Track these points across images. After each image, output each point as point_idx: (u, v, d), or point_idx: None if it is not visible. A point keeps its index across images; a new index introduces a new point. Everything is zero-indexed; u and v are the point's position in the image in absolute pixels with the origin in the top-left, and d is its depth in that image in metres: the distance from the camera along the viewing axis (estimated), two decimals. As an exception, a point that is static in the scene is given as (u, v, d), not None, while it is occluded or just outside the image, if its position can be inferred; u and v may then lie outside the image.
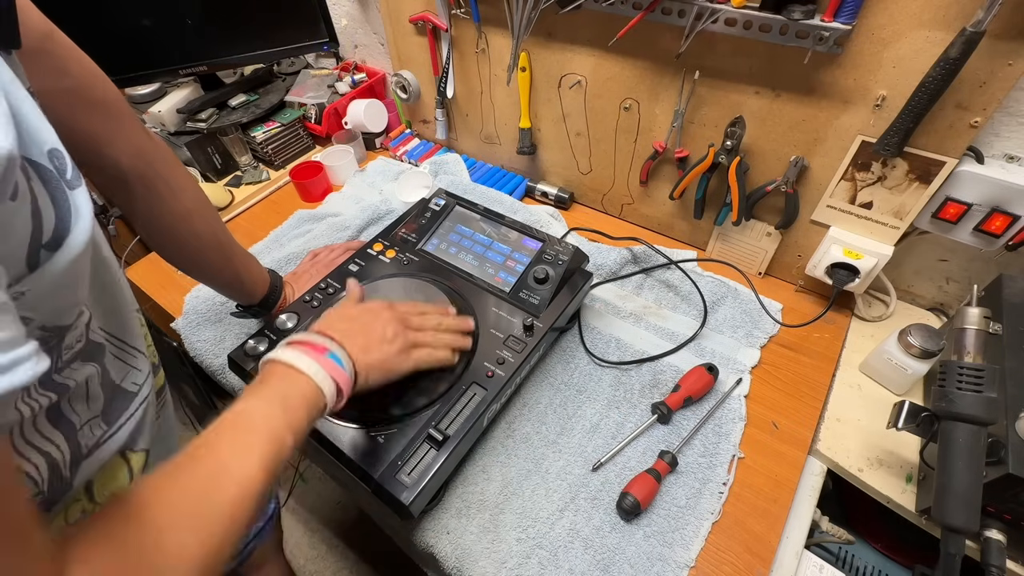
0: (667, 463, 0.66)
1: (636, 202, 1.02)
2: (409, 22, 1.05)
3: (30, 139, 0.30)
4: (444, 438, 0.60)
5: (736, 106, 0.77)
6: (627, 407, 0.74)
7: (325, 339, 0.50)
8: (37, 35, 0.43)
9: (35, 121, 0.31)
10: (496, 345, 0.69)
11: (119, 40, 1.07)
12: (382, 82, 1.33)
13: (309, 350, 0.48)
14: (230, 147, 1.21)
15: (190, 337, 0.85)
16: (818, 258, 0.81)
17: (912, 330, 0.70)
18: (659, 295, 0.90)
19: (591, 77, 0.89)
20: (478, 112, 1.11)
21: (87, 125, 0.50)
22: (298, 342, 0.49)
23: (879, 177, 0.72)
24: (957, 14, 0.56)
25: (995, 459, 0.55)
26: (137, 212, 0.58)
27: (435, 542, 0.63)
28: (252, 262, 0.73)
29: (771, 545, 0.62)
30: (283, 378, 0.45)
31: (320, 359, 0.47)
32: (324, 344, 0.49)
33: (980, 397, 0.54)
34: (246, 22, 1.16)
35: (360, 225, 1.03)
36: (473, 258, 0.82)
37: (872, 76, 0.65)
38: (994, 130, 0.66)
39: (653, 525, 0.63)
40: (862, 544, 0.82)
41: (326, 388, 0.46)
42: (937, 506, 0.55)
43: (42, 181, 0.30)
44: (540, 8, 0.82)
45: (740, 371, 0.78)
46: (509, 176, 1.14)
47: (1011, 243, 0.68)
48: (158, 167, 0.57)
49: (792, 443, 0.71)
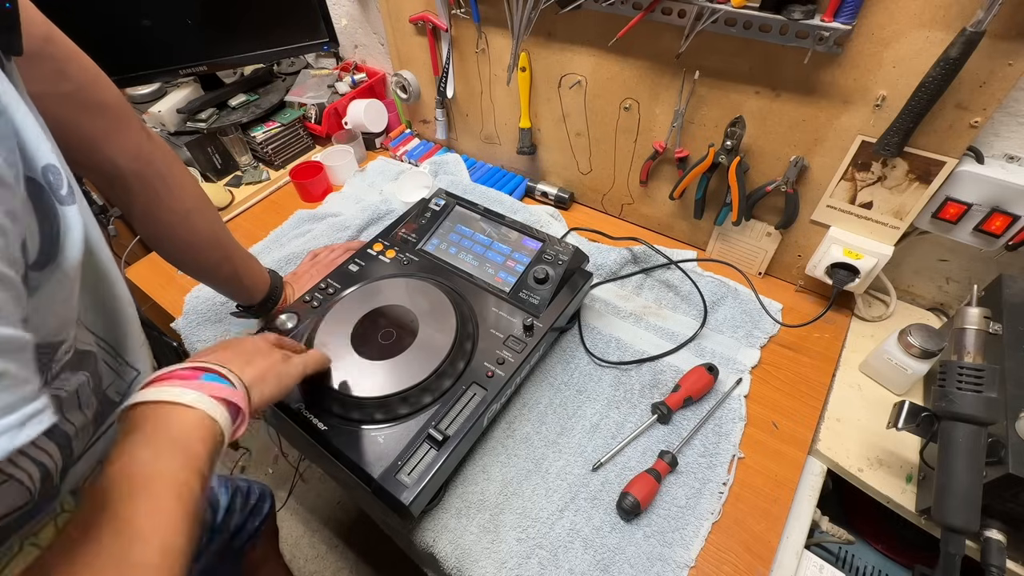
0: (667, 463, 0.66)
1: (636, 202, 1.02)
2: (409, 22, 1.05)
3: (25, 156, 0.30)
4: (444, 438, 0.60)
5: (736, 106, 0.77)
6: (627, 407, 0.74)
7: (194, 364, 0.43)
8: (37, 38, 0.42)
9: (33, 139, 0.30)
10: (496, 345, 0.69)
11: (119, 40, 1.07)
12: (382, 82, 1.33)
13: (179, 381, 0.40)
14: (230, 147, 1.21)
15: (190, 337, 0.85)
16: (818, 258, 0.81)
17: (912, 330, 0.70)
18: (659, 295, 0.90)
19: (591, 77, 0.89)
20: (478, 112, 1.11)
21: (86, 127, 0.49)
22: (162, 377, 0.41)
23: (879, 177, 0.72)
24: (957, 14, 0.56)
25: (995, 459, 0.55)
26: (136, 212, 0.58)
27: (435, 542, 0.63)
28: (252, 262, 0.73)
29: (771, 545, 0.62)
30: (164, 420, 0.38)
31: (197, 384, 0.41)
32: (195, 367, 0.42)
33: (980, 397, 0.54)
34: (246, 22, 1.16)
35: (360, 225, 1.03)
36: (473, 258, 0.82)
37: (872, 76, 0.65)
38: (994, 130, 0.66)
39: (653, 525, 0.63)
40: (862, 544, 0.82)
41: (217, 414, 0.40)
42: (937, 506, 0.55)
43: (31, 199, 0.29)
44: (540, 8, 0.82)
45: (740, 371, 0.78)
46: (509, 176, 1.14)
47: (1011, 243, 0.68)
48: (157, 167, 0.57)
49: (792, 443, 0.71)
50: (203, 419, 0.39)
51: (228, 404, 0.41)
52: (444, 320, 0.69)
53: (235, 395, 0.42)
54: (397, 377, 0.63)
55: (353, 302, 0.73)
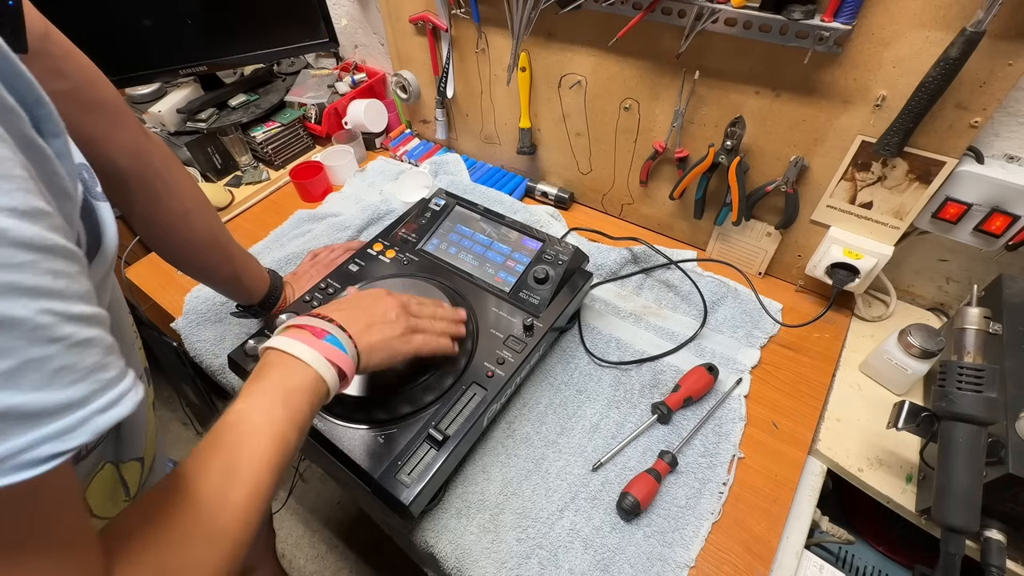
0: (667, 463, 0.66)
1: (636, 202, 1.02)
2: (409, 22, 1.05)
3: None
4: (444, 438, 0.60)
5: (736, 106, 0.77)
6: (627, 407, 0.74)
7: (324, 322, 0.49)
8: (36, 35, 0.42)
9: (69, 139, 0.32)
10: (496, 345, 0.69)
11: (119, 40, 1.06)
12: (382, 82, 1.33)
13: (308, 335, 0.47)
14: (230, 147, 1.21)
15: (190, 337, 0.85)
16: (818, 258, 0.81)
17: (912, 330, 0.70)
18: (659, 295, 0.89)
19: (591, 77, 0.89)
20: (478, 112, 1.11)
21: (84, 126, 0.49)
22: (296, 326, 0.48)
23: (879, 177, 0.72)
24: (957, 14, 0.56)
25: (995, 459, 0.55)
26: (135, 212, 0.58)
27: (435, 542, 0.63)
28: (252, 262, 0.73)
29: (771, 545, 0.62)
30: (282, 368, 0.44)
31: (319, 345, 0.46)
32: (323, 327, 0.48)
33: (980, 397, 0.54)
34: (246, 22, 1.16)
35: (360, 225, 1.03)
36: (473, 258, 0.82)
37: (872, 76, 0.65)
38: (994, 130, 0.66)
39: (653, 525, 0.63)
40: (862, 544, 0.82)
41: (327, 376, 0.45)
42: (937, 506, 0.55)
43: None
44: (540, 8, 0.82)
45: (740, 371, 0.78)
46: (509, 176, 1.14)
47: (1011, 243, 0.68)
48: (156, 167, 0.57)
49: (792, 443, 0.71)
50: (316, 379, 0.44)
51: (338, 368, 0.46)
52: (444, 320, 0.69)
53: (346, 362, 0.47)
54: (397, 377, 0.63)
55: (353, 302, 0.72)
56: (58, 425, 0.24)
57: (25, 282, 0.23)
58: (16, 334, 0.22)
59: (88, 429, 0.25)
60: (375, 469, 0.58)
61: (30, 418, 0.23)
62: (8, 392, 0.22)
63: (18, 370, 0.22)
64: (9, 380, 0.22)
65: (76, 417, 0.24)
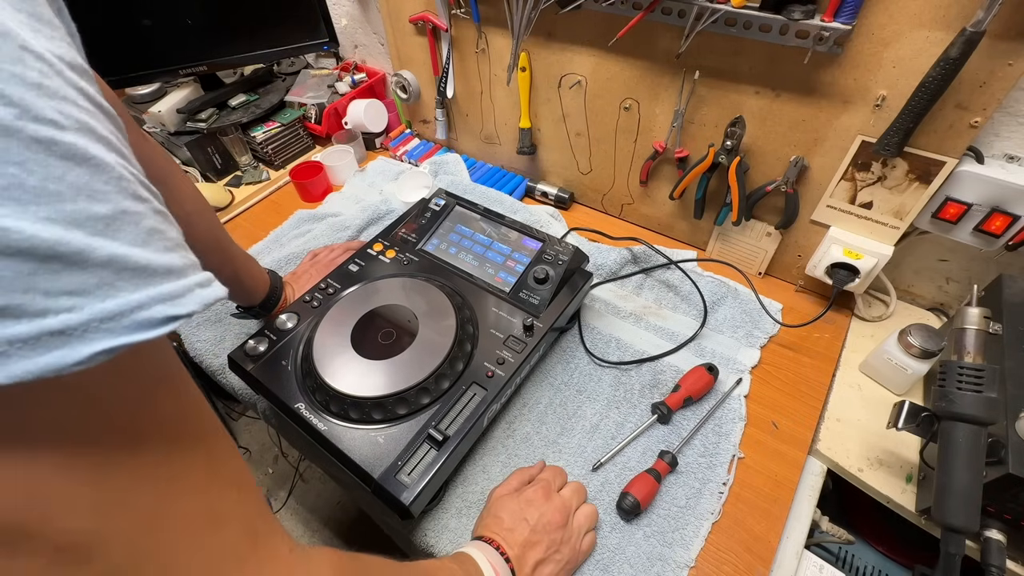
0: (667, 463, 0.66)
1: (636, 202, 1.02)
2: (409, 22, 1.05)
3: None
4: (444, 438, 0.60)
5: (736, 106, 0.77)
6: (627, 407, 0.74)
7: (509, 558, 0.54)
8: None
9: None
10: (496, 345, 0.69)
11: (119, 40, 1.06)
12: (382, 82, 1.33)
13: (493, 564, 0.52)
14: (230, 147, 1.21)
15: (190, 337, 0.85)
16: (818, 258, 0.81)
17: (912, 330, 0.70)
18: (659, 295, 0.89)
19: (591, 77, 0.89)
20: (478, 112, 1.11)
21: None
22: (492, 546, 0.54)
23: (879, 177, 0.72)
24: (957, 14, 0.56)
25: (995, 459, 0.55)
26: None
27: (435, 542, 0.63)
28: (251, 263, 0.73)
29: (771, 545, 0.62)
30: None
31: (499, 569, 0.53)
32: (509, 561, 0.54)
33: (980, 397, 0.54)
34: (246, 22, 1.16)
35: (360, 225, 1.03)
36: (473, 258, 0.82)
37: (872, 76, 0.65)
38: (994, 130, 0.66)
39: (653, 525, 0.63)
40: (862, 544, 0.82)
41: None
42: (937, 506, 0.55)
43: None
44: (540, 8, 0.82)
45: (740, 371, 0.78)
46: (509, 176, 1.14)
47: (1011, 243, 0.68)
48: (154, 171, 0.57)
49: (792, 443, 0.71)
50: None
51: None
52: (444, 320, 0.69)
53: None
54: (397, 377, 0.63)
55: (353, 302, 0.73)
56: (166, 288, 0.21)
57: (98, 128, 0.20)
58: (105, 177, 0.19)
59: (194, 298, 0.22)
60: (375, 469, 0.58)
61: (137, 273, 0.20)
62: (110, 240, 0.19)
63: (115, 219, 0.19)
64: (109, 227, 0.19)
65: (180, 285, 0.22)
